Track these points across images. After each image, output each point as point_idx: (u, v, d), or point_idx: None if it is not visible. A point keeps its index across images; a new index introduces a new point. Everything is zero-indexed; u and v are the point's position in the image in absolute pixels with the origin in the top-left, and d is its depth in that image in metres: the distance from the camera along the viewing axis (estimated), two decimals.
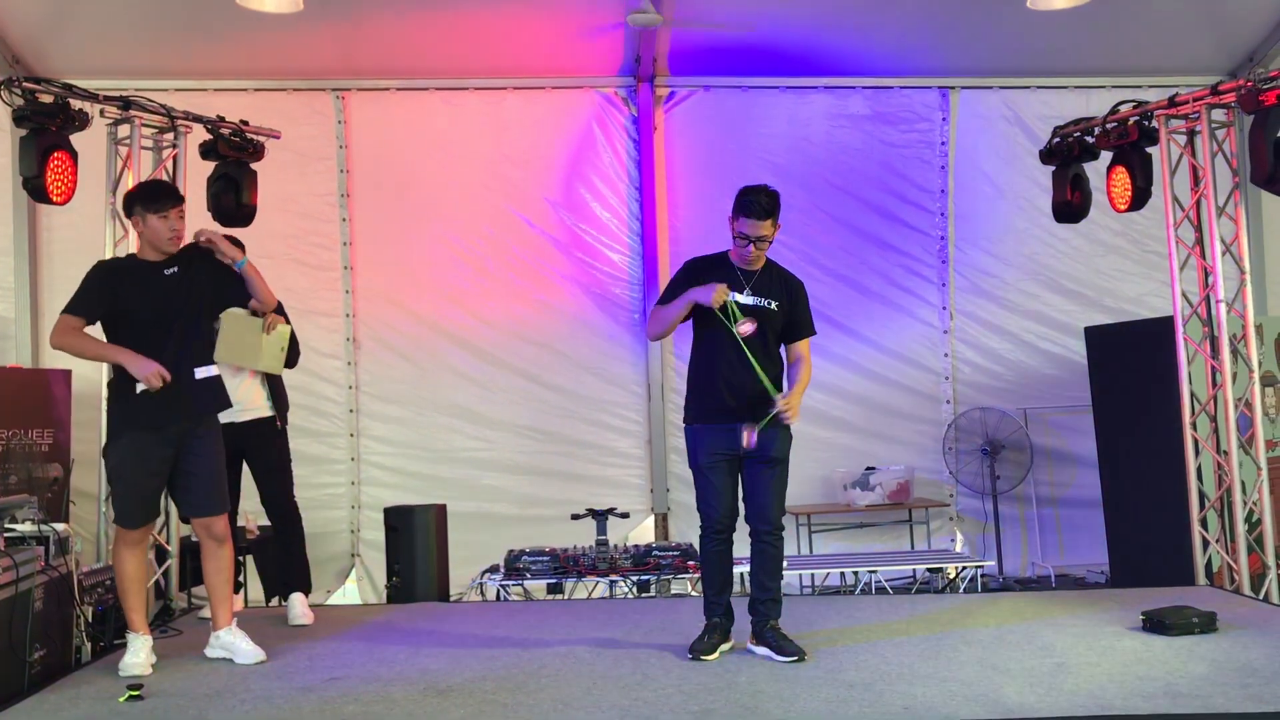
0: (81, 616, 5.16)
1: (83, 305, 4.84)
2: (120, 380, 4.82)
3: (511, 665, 4.75)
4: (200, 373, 4.88)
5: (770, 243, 4.84)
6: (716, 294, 4.70)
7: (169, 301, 4.83)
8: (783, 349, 4.97)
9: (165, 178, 6.64)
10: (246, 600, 6.89)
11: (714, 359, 4.84)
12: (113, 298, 4.82)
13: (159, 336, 4.79)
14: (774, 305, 4.86)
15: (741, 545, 4.90)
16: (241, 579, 6.54)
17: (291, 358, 6.05)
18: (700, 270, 4.92)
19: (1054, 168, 7.25)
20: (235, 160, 6.88)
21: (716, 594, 4.91)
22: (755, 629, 4.87)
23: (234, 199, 6.87)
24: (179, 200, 4.95)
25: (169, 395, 4.75)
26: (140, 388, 4.74)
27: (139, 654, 4.75)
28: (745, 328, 4.72)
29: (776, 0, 7.58)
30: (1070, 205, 7.21)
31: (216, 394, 4.96)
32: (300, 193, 8.23)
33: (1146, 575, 6.80)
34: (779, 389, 4.83)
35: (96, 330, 4.87)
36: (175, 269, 4.88)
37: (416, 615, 6.07)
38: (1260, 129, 5.76)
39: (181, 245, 4.95)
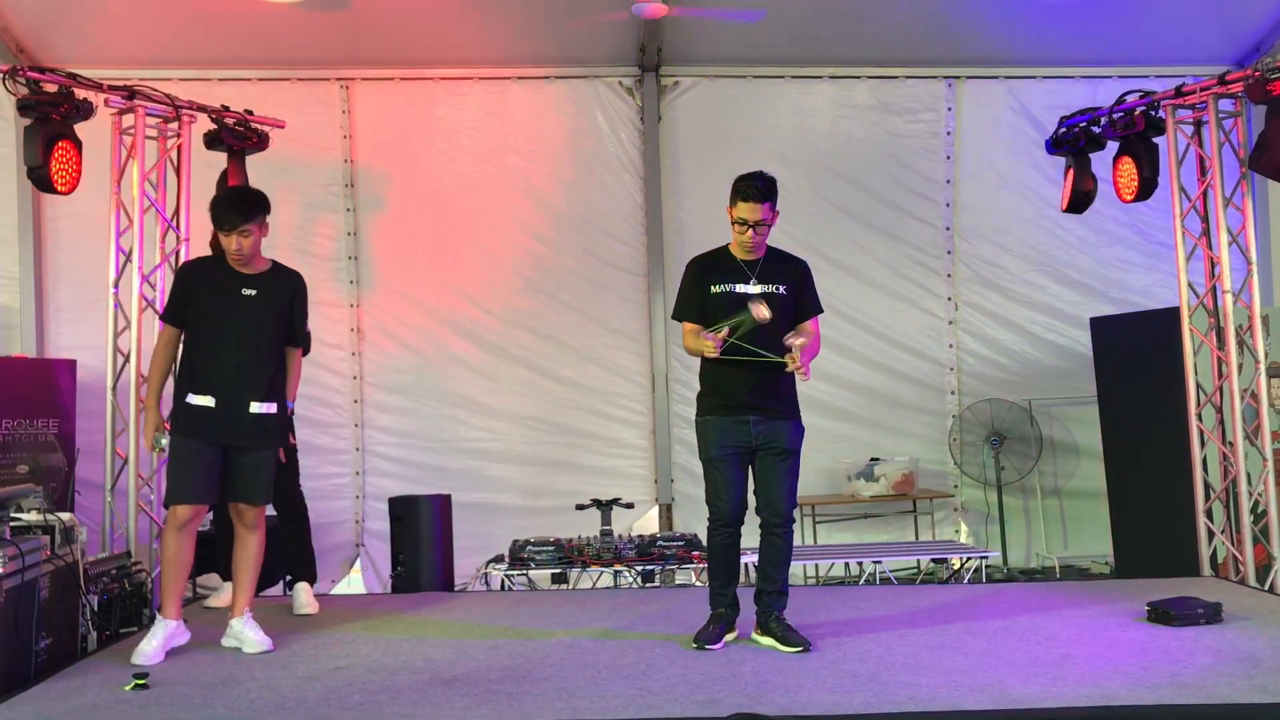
0: (87, 606, 5.16)
1: (169, 312, 4.97)
2: (180, 383, 4.89)
3: (516, 655, 4.76)
4: (257, 407, 4.88)
5: (769, 228, 4.83)
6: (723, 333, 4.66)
7: (235, 322, 4.85)
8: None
9: (170, 167, 6.65)
10: None
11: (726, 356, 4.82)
12: (188, 302, 4.90)
13: (218, 351, 4.84)
14: (782, 290, 4.84)
15: (749, 536, 4.91)
16: None
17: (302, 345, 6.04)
18: (705, 267, 4.92)
19: (1072, 158, 7.15)
20: (239, 150, 6.88)
21: (723, 586, 4.91)
22: (760, 619, 4.87)
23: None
24: (239, 220, 4.79)
25: (216, 419, 4.80)
26: (191, 399, 4.80)
27: (153, 640, 4.77)
28: (763, 311, 4.63)
29: None
30: (1088, 196, 7.16)
31: (265, 431, 4.92)
32: (304, 183, 8.22)
33: (1151, 566, 6.80)
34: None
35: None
36: (255, 292, 4.88)
37: (421, 605, 6.07)
38: (1278, 118, 5.73)
39: (252, 257, 4.88)
